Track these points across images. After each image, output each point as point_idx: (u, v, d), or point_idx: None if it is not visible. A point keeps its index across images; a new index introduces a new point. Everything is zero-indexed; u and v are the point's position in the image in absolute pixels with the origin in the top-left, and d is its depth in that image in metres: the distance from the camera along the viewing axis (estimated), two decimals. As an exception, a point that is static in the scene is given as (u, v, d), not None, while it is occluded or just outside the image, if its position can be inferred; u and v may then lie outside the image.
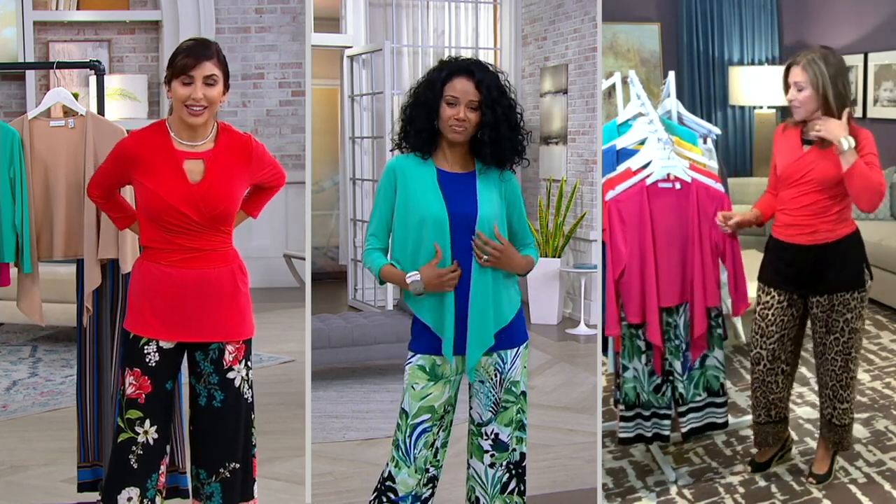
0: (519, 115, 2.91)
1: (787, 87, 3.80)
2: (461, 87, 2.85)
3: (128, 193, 3.35)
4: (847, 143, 3.62)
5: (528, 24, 8.33)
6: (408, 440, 2.92)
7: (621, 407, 3.97)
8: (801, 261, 3.82)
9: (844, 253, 3.80)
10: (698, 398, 4.05)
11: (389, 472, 2.96)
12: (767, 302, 3.95)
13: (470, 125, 2.86)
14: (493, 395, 2.96)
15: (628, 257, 3.89)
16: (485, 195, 2.91)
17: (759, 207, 4.00)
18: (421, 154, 2.93)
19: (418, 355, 2.94)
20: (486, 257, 2.85)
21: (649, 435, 3.99)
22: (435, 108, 2.88)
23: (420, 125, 2.90)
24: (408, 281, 2.86)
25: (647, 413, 3.97)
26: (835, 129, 3.65)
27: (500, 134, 2.87)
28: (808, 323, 3.98)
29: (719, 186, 4.06)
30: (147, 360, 2.96)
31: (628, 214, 3.88)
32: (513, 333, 2.97)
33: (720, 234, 3.94)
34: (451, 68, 2.90)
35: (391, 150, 3.05)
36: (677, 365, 3.98)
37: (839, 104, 3.71)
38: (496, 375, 2.96)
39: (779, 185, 3.89)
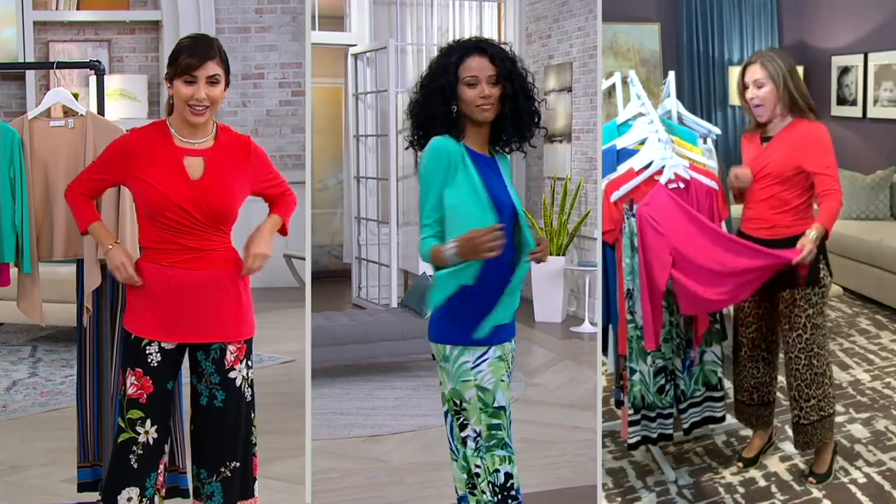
0: (531, 84, 2.85)
1: (743, 88, 3.91)
2: (477, 65, 2.79)
3: (126, 199, 3.35)
4: (810, 237, 3.74)
5: (532, 23, 8.33)
6: (511, 433, 2.83)
7: (630, 411, 3.97)
8: None
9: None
10: (697, 393, 4.12)
11: (507, 471, 2.78)
12: None
13: (495, 100, 2.79)
14: None
15: (675, 259, 3.82)
16: (508, 181, 2.87)
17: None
18: (455, 137, 2.81)
19: (493, 347, 2.79)
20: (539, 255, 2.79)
21: (654, 436, 3.99)
22: (452, 93, 2.79)
23: (440, 112, 2.79)
24: (445, 249, 2.70)
25: (651, 414, 3.97)
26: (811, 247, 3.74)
27: (519, 105, 2.81)
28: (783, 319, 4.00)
29: (715, 185, 4.08)
30: (149, 360, 2.96)
31: (662, 219, 3.84)
32: (512, 328, 2.92)
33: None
34: (461, 50, 2.82)
35: (405, 148, 2.96)
36: (678, 363, 4.00)
37: (803, 100, 3.81)
38: None
39: None
